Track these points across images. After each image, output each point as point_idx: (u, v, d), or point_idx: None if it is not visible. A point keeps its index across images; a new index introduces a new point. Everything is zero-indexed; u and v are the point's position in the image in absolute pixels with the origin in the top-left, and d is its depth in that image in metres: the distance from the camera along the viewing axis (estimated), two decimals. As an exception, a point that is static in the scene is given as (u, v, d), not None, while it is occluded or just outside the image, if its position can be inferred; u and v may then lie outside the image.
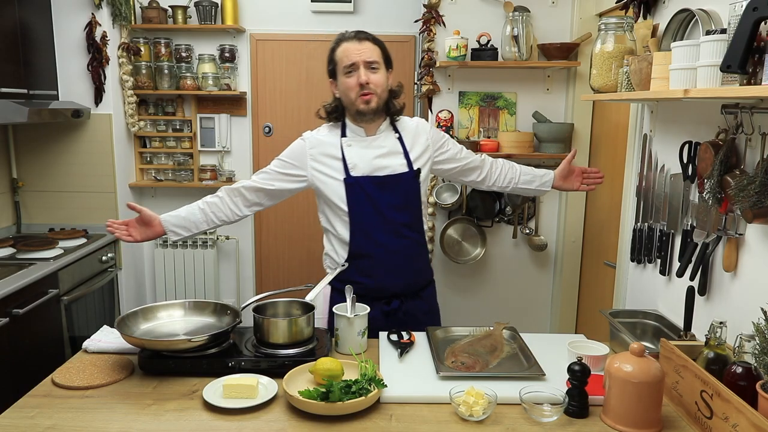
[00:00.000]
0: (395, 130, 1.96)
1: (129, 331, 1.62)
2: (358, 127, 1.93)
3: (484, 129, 3.09)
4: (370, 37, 1.88)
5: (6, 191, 3.25)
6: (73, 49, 3.17)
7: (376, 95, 1.85)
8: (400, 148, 1.93)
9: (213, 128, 3.63)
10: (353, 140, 1.92)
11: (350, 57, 1.83)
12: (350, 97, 1.86)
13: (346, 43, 1.86)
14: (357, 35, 1.86)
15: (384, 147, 1.92)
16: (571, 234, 3.13)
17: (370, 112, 1.87)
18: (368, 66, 1.84)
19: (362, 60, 1.83)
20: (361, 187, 1.87)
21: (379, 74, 1.86)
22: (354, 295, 1.75)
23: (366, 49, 1.84)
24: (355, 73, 1.83)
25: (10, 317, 2.33)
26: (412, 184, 1.92)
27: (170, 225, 1.98)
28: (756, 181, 1.35)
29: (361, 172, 1.88)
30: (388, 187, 1.88)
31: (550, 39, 2.99)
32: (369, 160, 1.89)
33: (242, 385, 1.43)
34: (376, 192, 1.87)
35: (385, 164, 1.90)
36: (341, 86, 1.88)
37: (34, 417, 1.36)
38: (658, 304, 1.97)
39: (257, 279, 3.83)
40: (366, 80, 1.82)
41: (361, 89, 1.83)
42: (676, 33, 1.80)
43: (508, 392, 1.42)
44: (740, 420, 1.15)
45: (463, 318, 3.18)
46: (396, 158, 1.92)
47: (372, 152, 1.90)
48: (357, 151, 1.90)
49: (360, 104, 1.85)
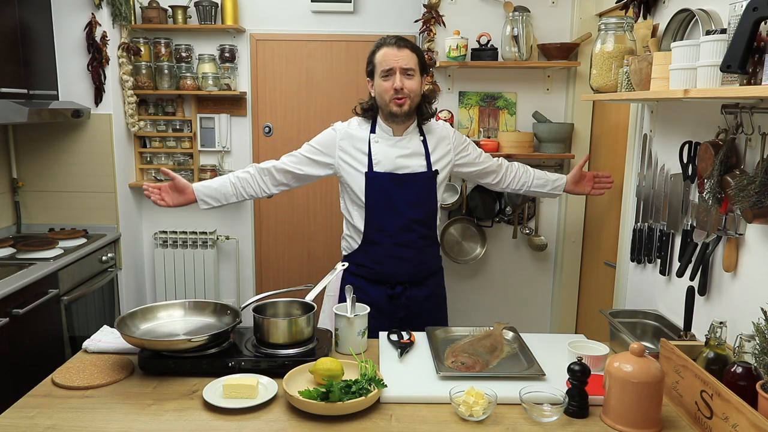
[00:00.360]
0: (421, 132, 2.08)
1: (129, 331, 1.62)
2: (388, 126, 2.06)
3: (484, 129, 3.09)
4: (409, 45, 1.98)
5: (6, 191, 3.25)
6: (73, 49, 3.17)
7: (409, 99, 1.97)
8: (422, 149, 2.06)
9: (213, 128, 3.62)
10: (381, 137, 2.05)
11: (388, 62, 1.95)
12: (385, 99, 1.98)
13: (387, 48, 1.97)
14: (397, 42, 1.97)
15: (408, 148, 2.05)
16: (571, 234, 3.13)
17: (402, 115, 2.00)
18: (404, 72, 1.95)
19: (399, 66, 1.94)
20: (381, 182, 2.01)
21: (414, 80, 1.98)
22: (354, 295, 1.76)
23: (404, 56, 1.95)
24: (391, 78, 1.96)
25: (10, 317, 2.33)
26: (429, 184, 2.05)
27: (202, 194, 2.12)
28: (756, 181, 1.35)
29: (383, 168, 2.02)
30: (405, 184, 2.02)
31: (550, 39, 2.99)
32: (392, 159, 2.02)
33: (242, 385, 1.43)
34: (393, 188, 2.01)
35: (407, 164, 2.03)
36: (377, 87, 2.00)
37: (34, 417, 1.36)
38: (658, 304, 1.97)
39: (257, 279, 3.83)
40: (401, 86, 1.94)
41: (396, 93, 1.95)
42: (676, 33, 1.80)
43: (508, 392, 1.42)
44: (740, 420, 1.15)
45: (463, 318, 3.18)
46: (417, 159, 2.05)
47: (396, 151, 2.03)
48: (383, 148, 2.03)
49: (393, 107, 1.98)
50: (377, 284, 2.04)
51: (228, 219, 3.74)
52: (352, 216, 2.08)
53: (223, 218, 3.74)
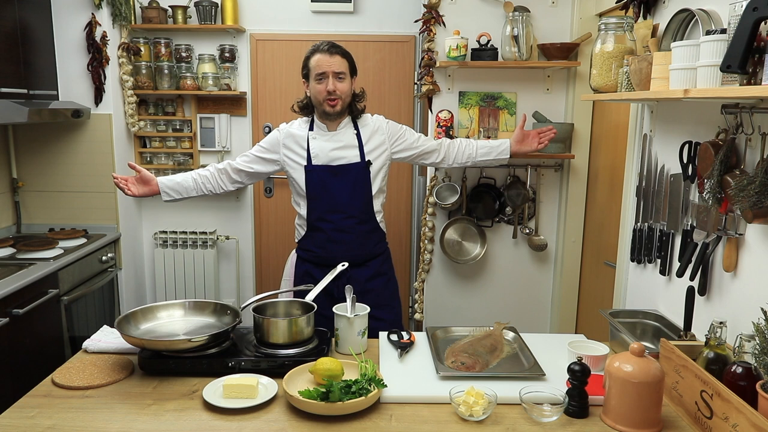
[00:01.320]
0: (355, 126, 2.27)
1: (129, 331, 1.62)
2: (323, 123, 2.26)
3: (484, 129, 3.09)
4: (340, 51, 2.19)
5: (6, 191, 3.25)
6: (73, 49, 3.17)
7: (341, 100, 2.18)
8: (356, 142, 2.25)
9: (213, 128, 3.63)
10: (318, 134, 2.25)
11: (322, 67, 2.15)
12: (319, 100, 2.18)
13: (320, 54, 2.17)
14: (329, 49, 2.17)
15: (342, 141, 2.23)
16: (571, 234, 3.13)
17: (335, 114, 2.21)
18: (336, 76, 2.16)
19: (332, 70, 2.15)
20: (318, 174, 2.20)
21: (345, 83, 2.19)
22: (354, 295, 1.76)
23: (335, 61, 2.16)
24: (324, 81, 2.16)
25: (10, 317, 2.33)
26: (363, 173, 2.23)
27: (165, 186, 2.27)
28: (756, 181, 1.35)
29: (320, 161, 2.21)
30: (341, 175, 2.20)
31: (550, 39, 2.99)
32: (327, 152, 2.22)
33: (242, 385, 1.43)
34: (330, 179, 2.20)
35: (341, 155, 2.22)
36: (312, 89, 2.20)
37: (34, 417, 1.36)
38: (658, 304, 1.97)
39: (257, 279, 3.83)
40: (333, 88, 2.15)
41: (329, 95, 2.15)
42: (676, 33, 1.80)
43: (508, 392, 1.42)
44: (740, 420, 1.15)
45: (463, 318, 3.18)
46: (351, 151, 2.23)
47: (332, 145, 2.23)
48: (319, 143, 2.23)
49: (326, 107, 2.18)
50: (322, 267, 2.18)
51: (228, 219, 3.74)
52: (299, 206, 2.28)
53: (223, 218, 3.74)
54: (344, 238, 2.23)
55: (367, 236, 2.28)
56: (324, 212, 2.23)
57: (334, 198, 2.21)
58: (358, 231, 2.24)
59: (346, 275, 2.18)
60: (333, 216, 2.22)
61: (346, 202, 2.22)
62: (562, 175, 3.14)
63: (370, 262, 2.30)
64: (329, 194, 2.21)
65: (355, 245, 2.24)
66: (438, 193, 3.04)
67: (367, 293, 2.19)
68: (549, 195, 3.17)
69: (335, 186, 2.21)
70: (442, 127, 2.96)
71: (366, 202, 2.25)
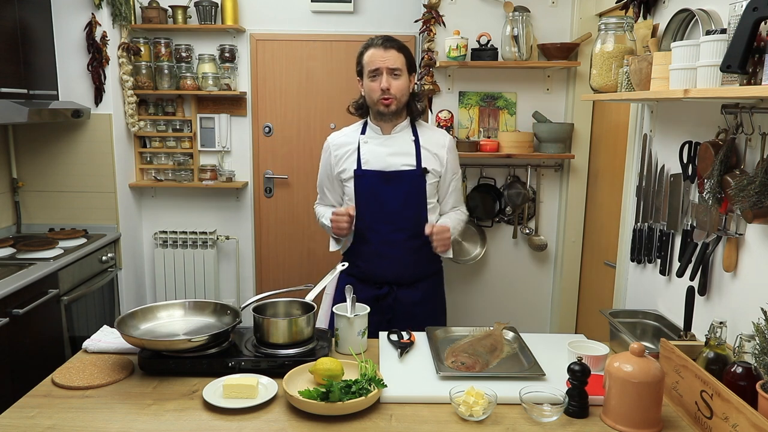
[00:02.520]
0: (414, 131, 2.09)
1: (129, 331, 1.62)
2: (377, 125, 2.09)
3: (484, 129, 3.09)
4: (396, 45, 2.00)
5: (6, 191, 3.25)
6: (73, 49, 3.17)
7: (396, 99, 2.00)
8: (413, 149, 2.06)
9: (213, 128, 3.62)
10: (370, 137, 2.09)
11: (375, 63, 1.98)
12: (372, 99, 2.02)
13: (373, 49, 2.00)
14: (384, 43, 1.99)
15: (397, 146, 2.07)
16: (571, 234, 3.13)
17: (389, 114, 2.03)
18: (391, 72, 1.98)
19: (386, 66, 1.97)
20: (369, 180, 2.04)
21: (401, 80, 2.00)
22: (354, 296, 1.76)
23: (390, 56, 1.98)
24: (378, 78, 1.99)
25: (10, 317, 2.33)
26: (418, 182, 2.04)
27: None
28: (756, 181, 1.35)
29: (371, 166, 2.05)
30: (393, 182, 2.03)
31: (550, 39, 2.99)
32: (381, 157, 2.05)
33: (242, 385, 1.43)
34: (381, 185, 2.03)
35: (395, 162, 2.04)
36: (366, 88, 2.04)
37: (34, 417, 1.36)
38: (658, 304, 1.97)
39: (257, 279, 3.83)
40: (387, 86, 1.97)
41: (383, 94, 1.98)
42: (676, 33, 1.80)
43: (508, 392, 1.42)
44: (740, 420, 1.15)
45: (463, 318, 3.19)
46: (407, 157, 2.05)
47: (385, 150, 2.06)
48: (372, 147, 2.07)
49: (380, 106, 2.01)
50: (365, 283, 2.05)
51: (228, 219, 3.74)
52: None
53: (223, 218, 3.74)
54: (392, 253, 2.04)
55: (419, 254, 2.07)
56: (372, 222, 2.05)
57: (384, 207, 2.03)
58: (407, 247, 2.05)
59: (392, 296, 2.05)
60: (381, 227, 2.04)
61: (397, 212, 2.03)
62: (562, 175, 3.14)
63: (419, 284, 2.10)
64: (379, 202, 2.03)
65: (403, 263, 2.05)
66: (438, 193, 3.04)
67: (412, 319, 2.00)
68: (549, 195, 3.17)
69: (386, 194, 2.03)
70: (442, 127, 2.97)
71: (418, 214, 2.05)
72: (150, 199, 3.70)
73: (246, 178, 3.70)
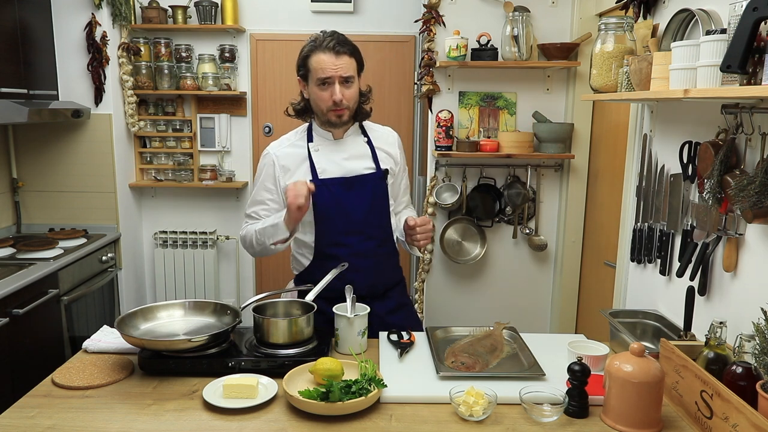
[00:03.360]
0: (364, 133, 1.95)
1: (129, 331, 1.62)
2: (327, 131, 1.91)
3: (484, 129, 3.09)
4: (348, 49, 1.79)
5: (6, 191, 3.25)
6: (73, 49, 3.17)
7: (349, 109, 1.83)
8: (368, 150, 1.93)
9: (213, 128, 3.63)
10: (320, 144, 1.90)
11: (326, 71, 1.76)
12: (321, 108, 1.82)
13: (323, 54, 1.76)
14: (335, 47, 1.76)
15: (352, 149, 1.91)
16: (571, 234, 3.13)
17: (341, 125, 1.87)
18: (344, 81, 1.78)
19: (338, 75, 1.76)
20: (329, 189, 1.85)
21: (353, 88, 1.82)
22: (354, 295, 1.75)
23: (343, 64, 1.76)
24: (329, 88, 1.78)
25: (10, 317, 2.33)
26: (380, 185, 1.91)
27: None
28: (756, 181, 1.35)
29: (330, 174, 1.87)
30: (355, 188, 1.87)
31: (550, 39, 2.99)
32: (338, 162, 1.88)
33: (242, 385, 1.43)
34: (343, 193, 1.86)
35: (354, 166, 1.89)
36: (312, 94, 1.83)
37: (34, 417, 1.36)
38: (658, 304, 1.97)
39: (257, 279, 3.83)
40: (340, 98, 1.77)
41: (335, 105, 1.79)
42: (676, 33, 1.80)
43: (508, 392, 1.42)
44: (740, 420, 1.15)
45: (463, 318, 3.18)
46: (364, 161, 1.91)
47: (340, 155, 1.90)
48: (325, 154, 1.89)
49: (332, 117, 1.83)
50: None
51: (228, 219, 3.74)
52: (303, 232, 1.90)
53: (223, 218, 3.74)
54: (363, 265, 1.87)
55: (387, 262, 1.97)
56: (339, 235, 1.87)
57: (350, 216, 1.86)
58: (378, 255, 1.91)
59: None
60: (350, 239, 1.87)
61: (364, 219, 1.87)
62: (562, 175, 3.14)
63: (390, 292, 1.99)
64: (344, 212, 1.86)
65: (374, 273, 1.91)
66: (438, 193, 3.04)
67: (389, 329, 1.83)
68: (549, 195, 3.17)
69: (350, 201, 1.86)
70: (442, 127, 2.97)
71: (385, 220, 1.92)
72: (150, 199, 3.70)
73: (246, 178, 3.70)
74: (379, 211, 1.91)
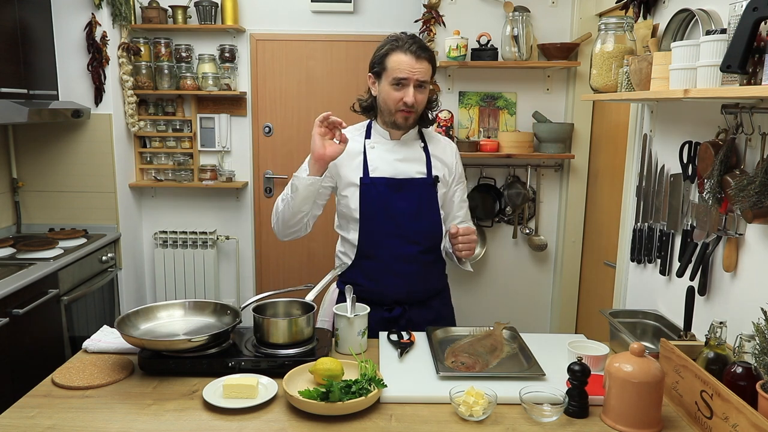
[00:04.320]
0: (421, 138, 1.95)
1: (129, 331, 1.62)
2: (385, 130, 1.92)
3: (484, 129, 3.09)
4: (428, 56, 1.81)
5: (6, 191, 3.25)
6: (73, 49, 3.17)
7: (416, 113, 1.85)
8: (423, 156, 1.92)
9: (213, 128, 3.62)
10: (377, 142, 1.92)
11: (403, 71, 1.77)
12: (390, 108, 1.84)
13: (404, 55, 1.78)
14: (417, 51, 1.78)
15: (407, 152, 1.91)
16: (571, 234, 3.13)
17: (406, 127, 1.88)
18: (418, 85, 1.80)
19: (415, 79, 1.78)
20: (377, 188, 1.86)
21: (425, 93, 1.84)
22: (354, 295, 1.75)
23: (422, 68, 1.79)
24: (403, 89, 1.79)
25: (10, 317, 2.33)
26: (429, 191, 1.90)
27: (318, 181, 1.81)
28: (756, 181, 1.35)
29: (380, 174, 1.87)
30: (403, 191, 1.87)
31: (550, 39, 2.99)
32: (390, 163, 1.88)
33: (242, 385, 1.43)
34: (390, 195, 1.86)
35: (405, 169, 1.89)
36: (383, 92, 1.84)
37: (34, 417, 1.36)
38: (658, 304, 1.97)
39: (257, 279, 3.83)
40: (413, 101, 1.79)
41: (405, 106, 1.80)
42: (676, 33, 1.80)
43: (508, 392, 1.42)
44: (740, 420, 1.15)
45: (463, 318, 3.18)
46: (417, 165, 1.91)
47: (394, 156, 1.90)
48: (379, 153, 1.90)
49: (399, 119, 1.84)
50: (373, 306, 1.78)
51: (228, 219, 3.74)
52: (346, 230, 1.94)
53: (223, 218, 3.74)
54: (404, 270, 1.86)
55: (431, 269, 1.94)
56: (382, 236, 1.86)
57: (395, 219, 1.85)
58: (421, 261, 1.89)
59: (405, 317, 1.88)
60: (392, 241, 1.85)
61: (409, 223, 1.86)
62: (562, 175, 3.15)
63: (432, 302, 1.97)
64: (389, 213, 1.85)
65: (415, 280, 1.89)
66: (438, 193, 3.04)
67: None
68: (549, 195, 3.17)
69: (396, 204, 1.85)
70: (442, 127, 2.97)
71: (432, 226, 1.90)
72: (150, 199, 3.70)
73: (246, 178, 3.70)
74: (426, 217, 1.89)
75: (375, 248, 1.88)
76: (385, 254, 1.87)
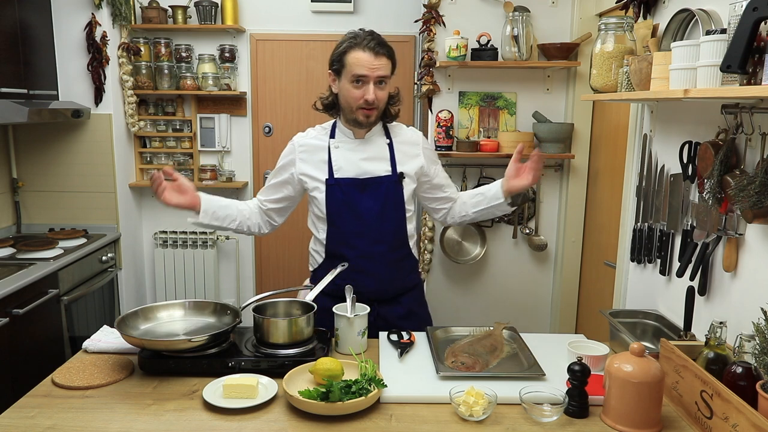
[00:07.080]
0: (387, 135, 1.94)
1: (129, 331, 1.62)
2: (349, 129, 1.92)
3: (484, 129, 3.09)
4: (386, 51, 1.80)
5: (6, 191, 3.25)
6: (73, 49, 3.17)
7: (377, 109, 1.84)
8: (387, 153, 1.91)
9: (213, 128, 3.63)
10: (341, 142, 1.92)
11: (362, 69, 1.77)
12: (351, 106, 1.83)
13: (362, 52, 1.77)
14: (375, 48, 1.77)
15: (371, 151, 1.91)
16: (571, 234, 3.13)
17: (368, 125, 1.88)
18: (378, 82, 1.80)
19: (375, 76, 1.78)
20: (342, 189, 1.87)
21: (386, 89, 1.84)
22: (354, 295, 1.75)
23: (381, 65, 1.78)
24: (363, 87, 1.79)
25: (10, 317, 2.33)
26: (395, 190, 1.89)
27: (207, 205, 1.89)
28: (756, 181, 1.35)
29: (345, 174, 1.88)
30: (369, 190, 1.87)
31: (550, 39, 2.99)
32: (354, 163, 1.89)
33: (242, 385, 1.43)
34: (356, 194, 1.87)
35: (370, 168, 1.89)
36: (344, 90, 1.84)
37: (34, 417, 1.36)
38: (658, 304, 1.97)
39: (257, 279, 3.83)
40: (373, 98, 1.79)
41: (366, 104, 1.80)
42: (676, 33, 1.80)
43: (508, 392, 1.42)
44: (740, 420, 1.15)
45: (463, 318, 3.18)
46: (382, 163, 1.90)
47: (359, 155, 1.90)
48: (343, 153, 1.90)
49: (360, 116, 1.84)
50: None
51: (228, 219, 3.74)
52: (317, 229, 1.96)
53: (223, 218, 3.73)
54: (372, 269, 1.88)
55: (400, 267, 1.95)
56: (348, 236, 1.88)
57: (361, 218, 1.87)
58: (388, 260, 1.90)
59: (373, 313, 1.83)
60: (358, 241, 1.87)
61: (375, 222, 1.87)
62: (562, 175, 3.14)
63: (401, 298, 1.97)
64: (355, 213, 1.86)
65: (385, 278, 1.91)
66: (438, 193, 3.04)
67: None
68: (549, 195, 3.17)
69: (362, 203, 1.86)
70: (442, 127, 2.97)
71: (398, 224, 1.91)
72: (150, 199, 3.70)
73: (246, 178, 3.70)
74: (392, 215, 1.90)
75: (343, 247, 1.90)
76: (353, 253, 1.89)
